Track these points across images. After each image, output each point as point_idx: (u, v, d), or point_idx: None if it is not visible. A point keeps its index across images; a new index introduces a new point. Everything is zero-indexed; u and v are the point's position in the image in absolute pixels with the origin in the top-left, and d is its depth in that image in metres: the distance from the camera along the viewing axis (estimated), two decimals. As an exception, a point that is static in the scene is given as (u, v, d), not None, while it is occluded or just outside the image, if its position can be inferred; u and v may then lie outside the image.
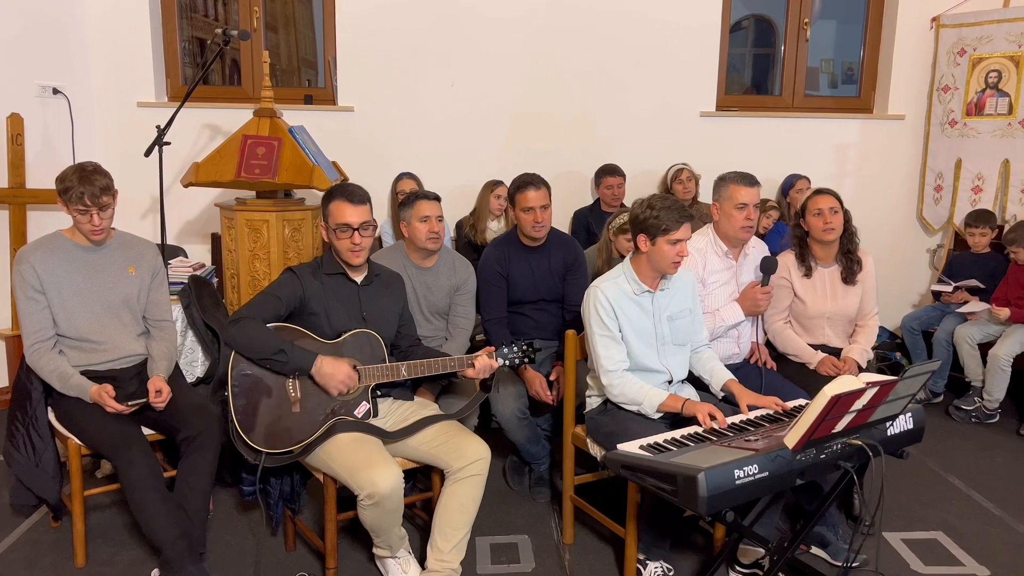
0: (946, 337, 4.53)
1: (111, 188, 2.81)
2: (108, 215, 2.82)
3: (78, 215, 2.78)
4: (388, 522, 2.56)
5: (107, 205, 2.79)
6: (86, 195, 2.72)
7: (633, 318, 2.75)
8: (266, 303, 2.65)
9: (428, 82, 5.01)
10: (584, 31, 5.04)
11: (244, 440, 2.58)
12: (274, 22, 6.70)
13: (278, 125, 3.73)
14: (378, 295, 2.83)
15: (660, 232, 2.66)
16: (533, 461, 3.45)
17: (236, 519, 3.23)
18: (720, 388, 2.85)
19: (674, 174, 4.97)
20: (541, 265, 3.46)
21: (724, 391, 2.83)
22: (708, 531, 3.08)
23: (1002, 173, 4.95)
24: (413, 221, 3.25)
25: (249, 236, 3.63)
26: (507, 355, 2.84)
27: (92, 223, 2.78)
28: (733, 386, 2.79)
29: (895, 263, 5.31)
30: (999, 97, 4.91)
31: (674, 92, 5.17)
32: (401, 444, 2.71)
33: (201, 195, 4.69)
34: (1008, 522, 3.31)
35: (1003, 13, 4.88)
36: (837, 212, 3.31)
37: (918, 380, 2.31)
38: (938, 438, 4.18)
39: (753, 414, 2.66)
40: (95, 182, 2.74)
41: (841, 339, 3.45)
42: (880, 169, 5.36)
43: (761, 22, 6.78)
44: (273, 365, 2.59)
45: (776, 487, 2.25)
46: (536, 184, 3.35)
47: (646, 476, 2.23)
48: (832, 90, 6.07)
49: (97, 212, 2.77)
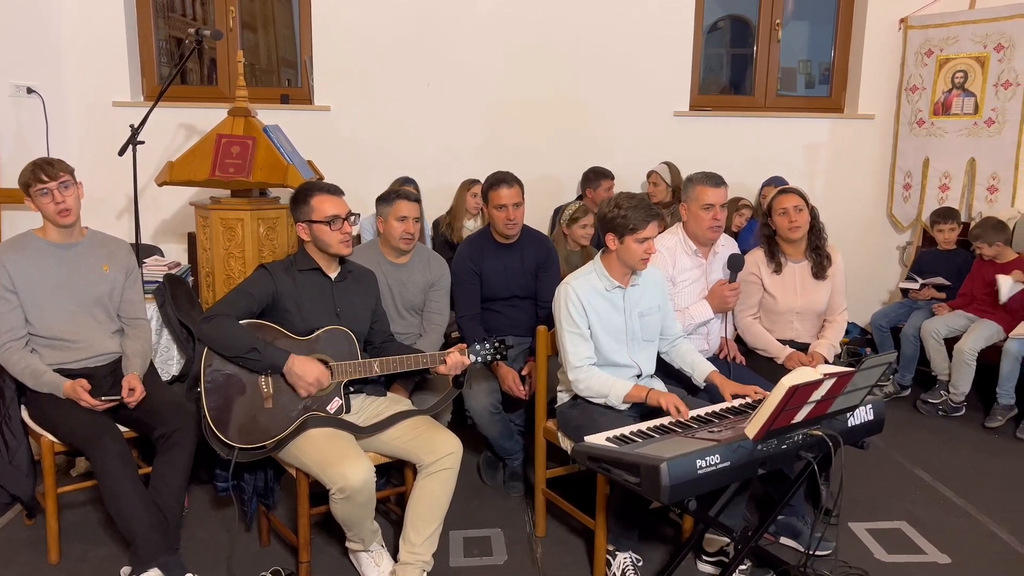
0: (913, 332, 4.62)
1: (70, 169, 2.86)
2: (71, 194, 2.84)
3: (41, 199, 2.80)
4: (360, 516, 2.59)
5: (68, 183, 2.83)
6: (43, 172, 2.78)
7: (604, 314, 2.80)
8: (239, 300, 2.68)
9: (404, 82, 5.04)
10: (559, 32, 5.08)
11: (216, 436, 2.60)
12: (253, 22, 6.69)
13: (252, 124, 3.75)
14: (351, 291, 2.87)
15: (627, 231, 2.71)
16: (507, 456, 3.50)
17: (210, 515, 3.25)
18: (703, 380, 2.90)
19: (648, 173, 5.03)
20: (514, 262, 3.50)
21: (707, 382, 2.89)
22: (676, 522, 3.13)
23: (968, 171, 5.05)
24: (390, 219, 3.29)
25: (224, 235, 3.65)
26: (479, 352, 2.88)
27: (55, 201, 2.81)
28: (716, 377, 2.86)
29: (866, 260, 5.40)
30: (965, 97, 5.02)
31: (648, 92, 5.22)
32: (373, 439, 2.74)
33: (178, 194, 4.69)
34: (970, 512, 3.39)
35: (969, 15, 4.98)
36: (802, 210, 3.37)
37: (875, 371, 2.37)
38: (905, 431, 4.26)
39: (718, 407, 2.72)
40: (51, 163, 2.82)
41: (810, 334, 3.52)
42: (851, 168, 5.45)
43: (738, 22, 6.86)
44: (245, 363, 2.62)
45: (738, 476, 2.31)
46: (509, 182, 3.39)
47: (611, 467, 2.28)
48: (809, 90, 6.16)
49: (57, 188, 2.80)
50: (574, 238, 4.19)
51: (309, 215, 2.75)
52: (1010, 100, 4.83)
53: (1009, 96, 4.83)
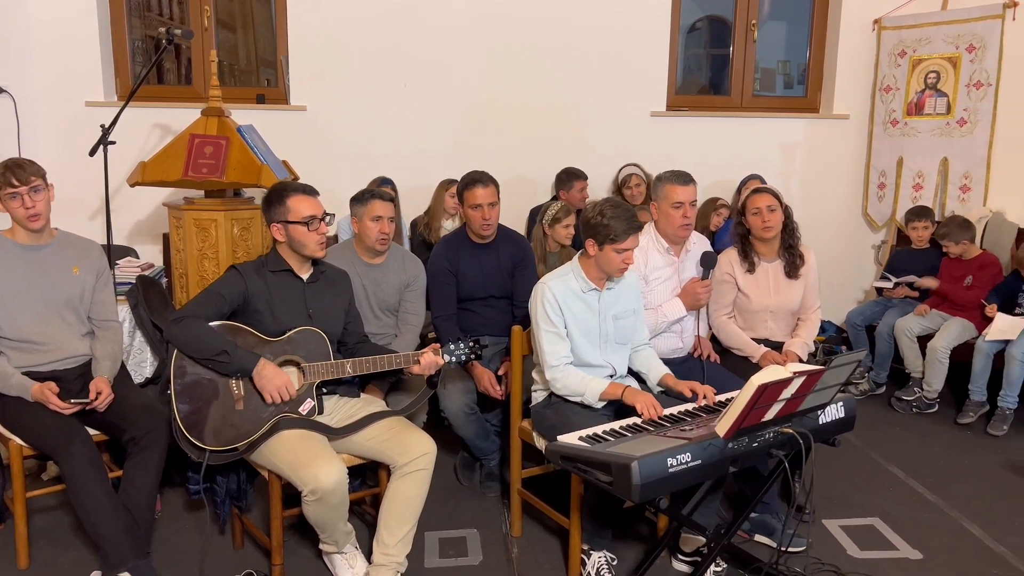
0: (887, 331, 4.66)
1: (41, 172, 2.83)
2: (42, 199, 2.81)
3: (11, 202, 2.77)
4: (333, 517, 2.58)
5: (39, 187, 2.80)
6: (13, 176, 2.74)
7: (579, 315, 2.81)
8: (209, 301, 2.65)
9: (382, 81, 5.03)
10: (536, 32, 5.09)
11: (187, 439, 2.58)
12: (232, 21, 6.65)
13: (226, 124, 3.72)
14: (324, 292, 2.85)
15: (608, 240, 2.72)
16: (483, 456, 3.49)
17: (183, 518, 3.22)
18: (657, 383, 2.92)
19: (624, 179, 5.05)
20: (490, 262, 3.50)
21: (661, 385, 2.90)
22: (652, 521, 3.14)
23: (941, 171, 5.10)
24: (365, 219, 3.28)
25: (197, 235, 3.62)
26: (453, 352, 2.87)
27: (25, 206, 2.77)
28: (668, 379, 2.87)
29: (841, 259, 5.45)
30: (938, 97, 5.07)
31: (625, 92, 5.24)
32: (347, 440, 2.73)
33: (152, 195, 4.65)
34: (943, 508, 3.42)
35: (941, 16, 5.04)
36: (775, 210, 3.39)
37: (845, 370, 2.39)
38: (880, 428, 4.30)
39: (690, 405, 2.73)
40: (22, 165, 2.79)
41: (784, 333, 3.54)
42: (826, 167, 5.49)
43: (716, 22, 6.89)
44: (215, 365, 2.59)
45: (709, 475, 2.31)
46: (484, 181, 3.39)
47: (584, 466, 2.28)
48: (788, 90, 6.20)
49: (28, 193, 2.77)
50: (556, 238, 4.19)
51: (285, 216, 2.73)
52: (982, 100, 4.88)
53: (981, 96, 4.88)
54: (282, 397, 2.62)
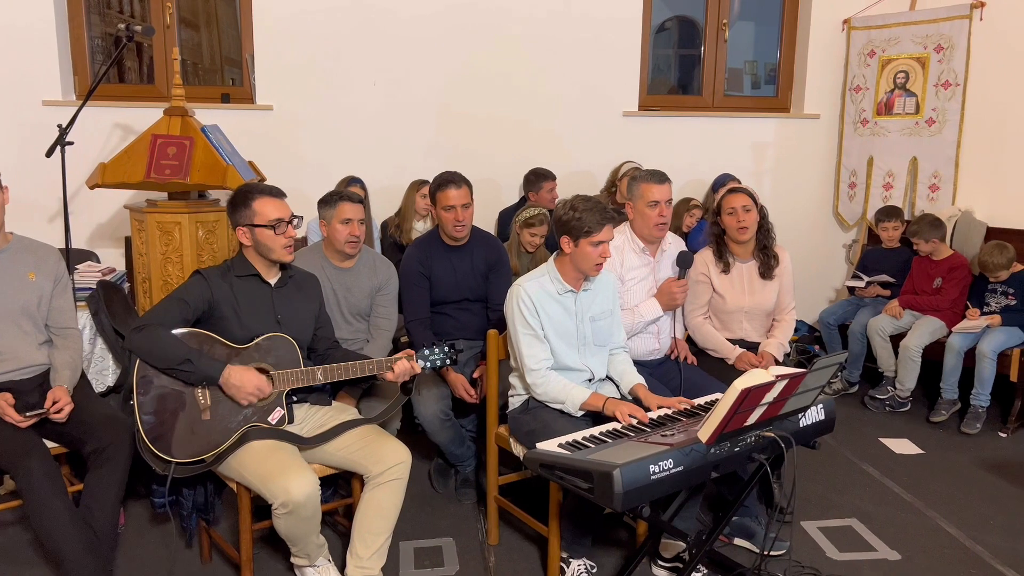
0: (860, 330, 4.68)
1: None
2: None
3: None
4: (304, 530, 2.50)
5: None
6: None
7: (555, 318, 2.75)
8: (172, 308, 2.56)
9: (350, 80, 4.94)
10: (506, 31, 5.04)
11: (152, 451, 2.48)
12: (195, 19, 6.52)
13: (190, 124, 3.61)
14: (292, 297, 2.77)
15: (583, 234, 2.67)
16: (458, 463, 3.43)
17: (148, 532, 3.12)
18: (628, 392, 2.86)
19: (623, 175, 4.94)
20: (464, 264, 3.43)
21: (631, 395, 2.84)
22: (631, 526, 3.10)
23: (911, 170, 5.14)
24: (334, 222, 3.20)
25: (161, 239, 3.51)
26: (428, 357, 2.80)
27: None
28: (640, 390, 2.81)
29: (813, 259, 5.46)
30: (907, 97, 5.10)
31: (597, 92, 5.20)
32: (318, 450, 2.65)
33: (114, 197, 4.51)
34: (919, 508, 3.42)
35: (909, 16, 5.07)
36: (750, 210, 3.37)
37: (827, 372, 2.36)
38: (854, 427, 4.31)
39: (670, 409, 2.69)
40: None
41: (759, 333, 3.52)
42: (797, 167, 5.51)
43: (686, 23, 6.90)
44: (179, 375, 2.50)
45: (691, 481, 2.27)
46: (457, 182, 3.32)
47: (564, 474, 2.23)
48: (755, 91, 6.22)
49: None
50: (522, 241, 4.14)
51: (251, 219, 2.65)
52: (950, 100, 4.92)
53: (949, 96, 4.92)
54: (258, 397, 2.54)
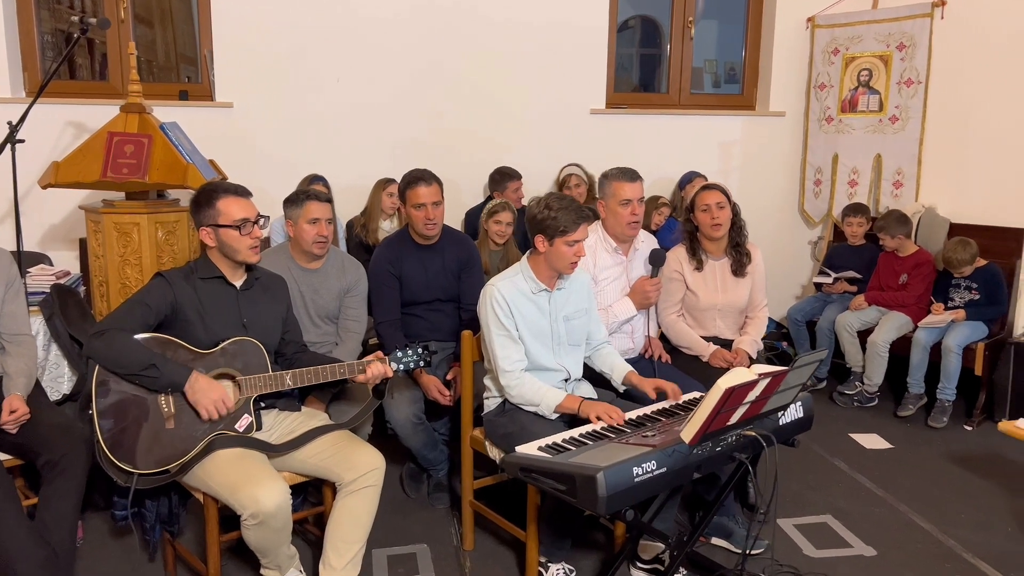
0: (828, 326, 4.71)
1: None
2: None
3: None
4: (275, 541, 2.41)
5: None
6: None
7: (529, 317, 2.70)
8: (133, 312, 2.45)
9: (313, 78, 4.83)
10: (473, 28, 4.97)
11: (112, 462, 2.37)
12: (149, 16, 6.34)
13: (148, 121, 3.48)
14: (258, 300, 2.67)
15: (558, 233, 2.62)
16: (431, 467, 3.36)
17: (109, 545, 3.00)
18: (621, 381, 2.84)
19: (564, 179, 4.98)
20: (435, 264, 3.36)
21: (625, 384, 2.82)
22: (609, 528, 3.06)
23: (875, 167, 5.19)
24: (300, 222, 3.10)
25: (118, 240, 3.38)
26: (401, 360, 2.72)
27: None
28: (633, 377, 2.80)
29: (779, 255, 5.48)
30: (870, 95, 5.15)
31: (564, 90, 5.17)
32: (288, 457, 2.56)
33: (68, 197, 4.35)
34: (891, 503, 3.44)
35: (872, 14, 5.12)
36: (724, 207, 3.36)
37: (807, 370, 2.35)
38: (823, 423, 4.32)
39: (649, 409, 2.65)
40: None
41: (732, 331, 3.51)
42: (763, 164, 5.53)
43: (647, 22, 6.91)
44: (142, 381, 2.39)
45: (674, 482, 2.24)
46: (427, 180, 3.25)
47: (545, 478, 2.18)
48: (715, 89, 6.24)
49: None
50: (490, 234, 4.10)
51: (215, 219, 2.55)
52: (912, 97, 4.98)
53: (912, 94, 4.98)
54: (219, 412, 2.44)
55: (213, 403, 2.43)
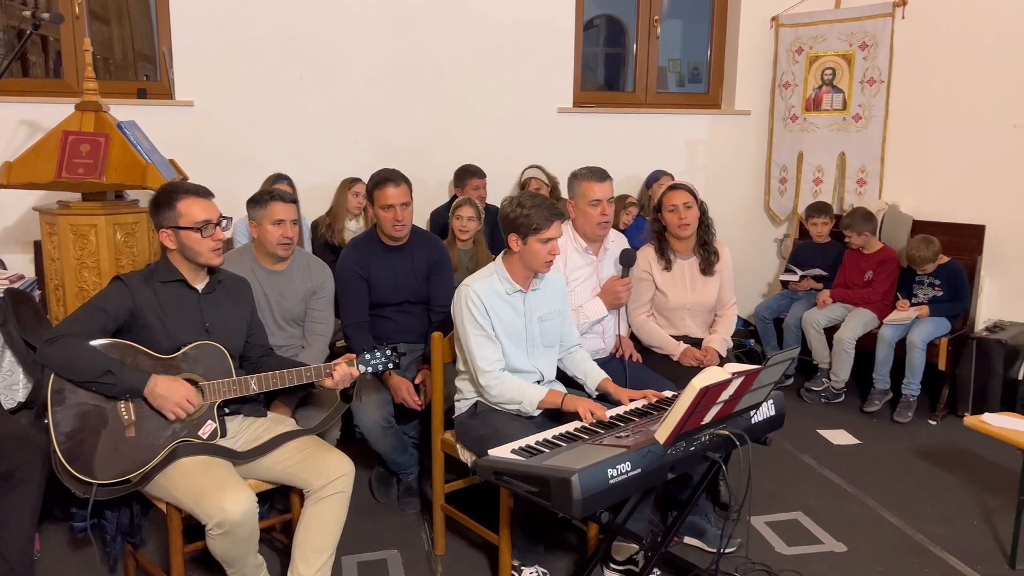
0: (795, 323, 4.74)
1: None
2: None
3: None
4: (241, 551, 2.34)
5: None
6: None
7: (504, 318, 2.67)
8: (89, 317, 2.36)
9: (276, 75, 4.74)
10: (439, 26, 4.93)
11: (70, 472, 2.29)
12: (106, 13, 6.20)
13: (104, 120, 3.39)
14: (222, 303, 2.60)
15: (531, 231, 2.60)
16: (401, 471, 3.31)
17: (68, 558, 2.90)
18: (595, 388, 2.82)
19: (525, 181, 4.96)
20: (404, 265, 3.31)
21: (599, 390, 2.81)
22: (582, 530, 3.03)
23: (839, 165, 5.24)
24: (265, 223, 3.03)
25: (75, 243, 3.28)
26: (369, 362, 2.66)
27: None
28: (608, 385, 2.79)
29: (746, 253, 5.51)
30: (834, 93, 5.20)
31: (532, 89, 5.15)
32: (254, 464, 2.49)
33: (21, 198, 4.21)
34: (860, 498, 3.47)
35: (835, 14, 5.17)
36: (691, 207, 3.36)
37: (779, 368, 2.34)
38: (791, 420, 4.33)
39: (623, 408, 2.64)
40: None
41: (702, 329, 3.51)
42: (729, 163, 5.56)
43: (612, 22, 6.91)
44: (100, 388, 2.31)
45: (649, 483, 2.22)
46: (395, 180, 3.19)
47: (518, 482, 2.15)
48: (680, 88, 6.27)
49: None
50: (454, 229, 4.08)
51: (175, 220, 2.47)
52: (875, 96, 5.04)
53: (874, 92, 5.03)
54: (185, 410, 2.37)
55: (177, 404, 2.36)
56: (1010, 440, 2.92)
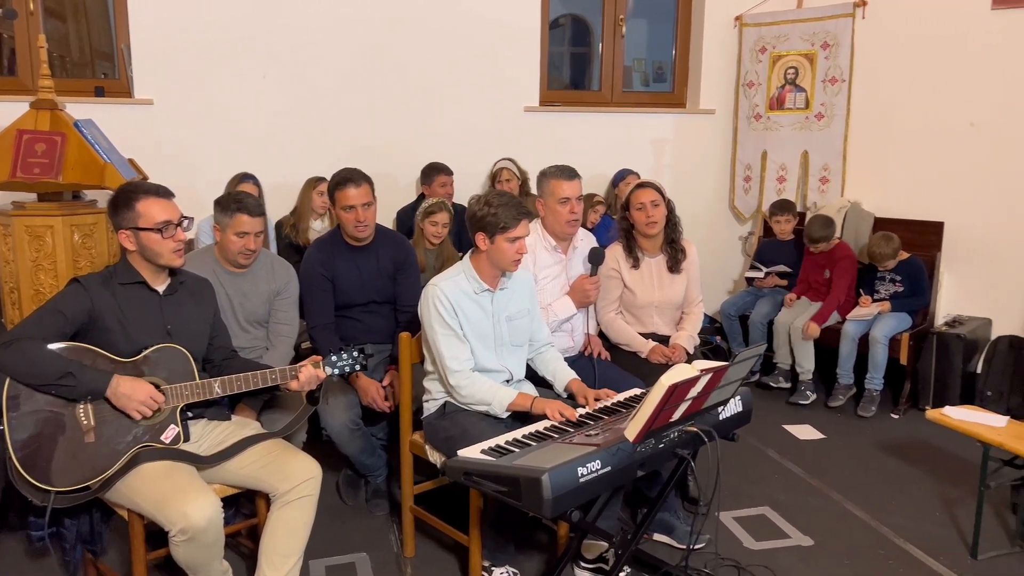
0: (760, 320, 4.78)
1: None
2: None
3: None
4: (206, 557, 2.30)
5: None
6: None
7: (472, 318, 2.66)
8: (46, 320, 2.30)
9: (238, 72, 4.67)
10: (405, 24, 4.89)
11: (27, 480, 2.22)
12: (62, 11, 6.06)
13: (60, 119, 3.30)
14: (183, 305, 2.54)
15: (499, 230, 2.59)
16: (369, 473, 3.27)
17: (25, 568, 2.82)
18: (563, 389, 2.81)
19: (496, 172, 4.94)
20: (369, 265, 3.27)
21: (567, 391, 2.80)
22: (552, 529, 3.03)
23: (802, 164, 5.30)
24: (228, 233, 2.96)
25: (30, 244, 3.19)
26: (336, 363, 2.62)
27: None
28: (575, 385, 2.78)
29: (711, 251, 5.54)
30: (797, 92, 5.26)
31: (498, 88, 5.13)
32: (219, 469, 2.45)
33: (-27, 200, 4.10)
34: (825, 492, 3.51)
35: (797, 14, 5.23)
36: (659, 205, 3.37)
37: (747, 364, 2.36)
38: (757, 415, 4.19)
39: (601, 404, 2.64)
40: None
41: (669, 327, 3.52)
42: (694, 161, 5.60)
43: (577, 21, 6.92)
44: (59, 391, 2.25)
45: (619, 481, 2.22)
46: (356, 180, 3.14)
47: (488, 482, 2.13)
48: (644, 87, 6.29)
49: None
50: (426, 234, 4.03)
51: (135, 221, 2.41)
52: (837, 95, 5.10)
53: (836, 91, 5.10)
54: (150, 408, 2.32)
55: (141, 403, 2.31)
56: (970, 432, 2.98)
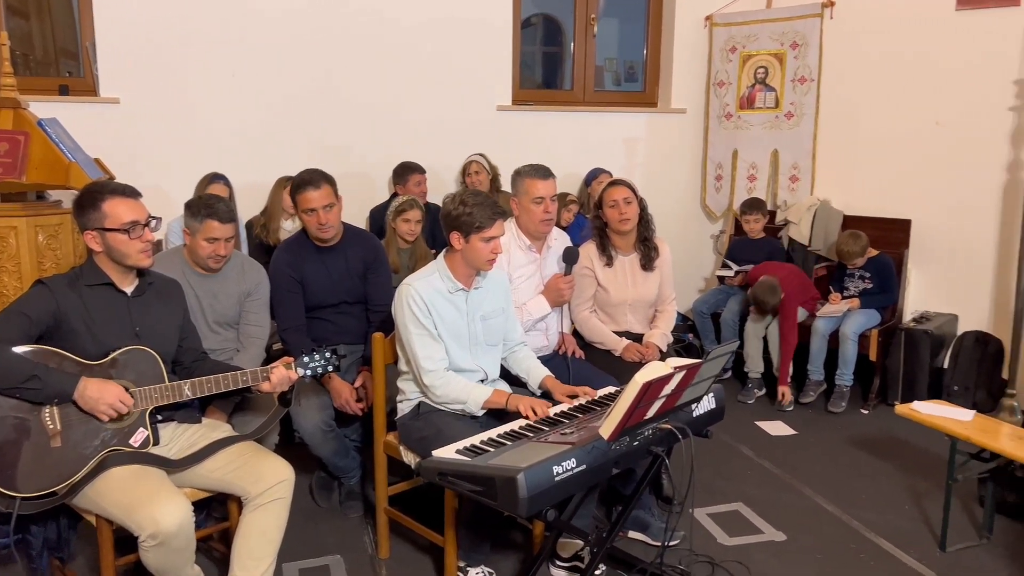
0: (732, 318, 4.82)
1: None
2: None
3: None
4: (177, 563, 2.26)
5: None
6: None
7: (447, 317, 2.64)
8: (9, 323, 2.25)
9: (206, 71, 4.60)
10: (377, 23, 4.85)
11: (-10, 486, 2.18)
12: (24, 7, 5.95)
13: (24, 117, 3.23)
14: (152, 306, 2.50)
15: (473, 230, 2.58)
16: (342, 475, 3.25)
17: (-10, 577, 2.76)
18: (538, 386, 2.81)
19: (466, 165, 4.94)
20: (338, 266, 3.24)
21: (541, 388, 2.80)
22: (528, 528, 3.02)
23: (772, 162, 5.35)
24: (198, 238, 2.91)
25: (-7, 246, 3.12)
26: (308, 365, 2.60)
27: None
28: (549, 382, 2.78)
29: (683, 249, 5.56)
30: (767, 92, 5.31)
31: (470, 87, 5.12)
32: (189, 472, 2.41)
33: (-68, 201, 4.00)
34: (797, 488, 3.54)
35: (767, 13, 5.28)
36: (631, 202, 3.38)
37: (719, 361, 2.37)
38: (729, 412, 4.24)
39: (566, 405, 2.64)
40: None
41: (643, 325, 3.54)
42: (666, 160, 5.63)
43: (549, 21, 6.93)
44: (25, 394, 2.20)
45: (594, 479, 2.22)
46: (316, 182, 3.08)
47: (463, 482, 2.12)
48: (616, 87, 6.32)
49: None
50: (399, 233, 4.00)
51: (101, 222, 2.36)
52: (806, 95, 5.16)
53: (805, 91, 5.16)
54: (119, 411, 2.28)
55: (110, 406, 2.27)
56: (938, 427, 3.02)
